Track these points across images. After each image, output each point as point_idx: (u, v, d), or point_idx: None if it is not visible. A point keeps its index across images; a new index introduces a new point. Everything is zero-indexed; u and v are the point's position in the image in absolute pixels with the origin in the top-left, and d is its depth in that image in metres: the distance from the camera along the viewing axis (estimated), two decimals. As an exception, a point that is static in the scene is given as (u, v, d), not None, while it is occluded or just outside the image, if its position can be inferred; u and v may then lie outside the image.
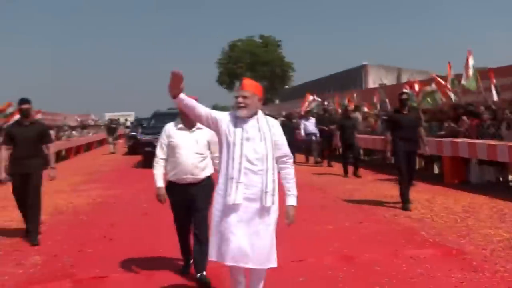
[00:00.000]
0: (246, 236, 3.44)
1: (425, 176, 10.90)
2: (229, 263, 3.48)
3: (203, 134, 4.59)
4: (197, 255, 4.54)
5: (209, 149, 4.65)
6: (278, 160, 3.63)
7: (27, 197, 6.40)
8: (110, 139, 24.47)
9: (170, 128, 4.65)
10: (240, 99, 3.56)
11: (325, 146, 15.03)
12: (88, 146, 27.06)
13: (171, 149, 4.56)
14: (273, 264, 3.54)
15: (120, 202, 9.24)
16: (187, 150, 4.52)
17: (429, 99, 12.85)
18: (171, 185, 4.65)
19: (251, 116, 3.61)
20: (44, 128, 6.85)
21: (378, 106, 18.00)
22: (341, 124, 12.68)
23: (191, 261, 4.77)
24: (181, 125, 4.62)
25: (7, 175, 6.38)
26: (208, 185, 4.61)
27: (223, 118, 3.62)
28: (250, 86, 3.64)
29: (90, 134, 29.57)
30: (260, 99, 3.67)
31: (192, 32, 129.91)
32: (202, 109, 3.62)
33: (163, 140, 4.62)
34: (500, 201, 7.86)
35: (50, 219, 7.78)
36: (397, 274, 4.58)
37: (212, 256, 3.57)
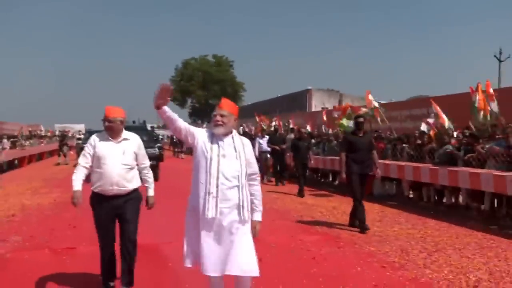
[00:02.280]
0: (224, 247, 3.62)
1: (338, 188, 13.18)
2: (211, 273, 3.62)
3: (130, 144, 4.57)
4: (124, 274, 4.64)
5: (136, 160, 4.62)
6: (248, 177, 3.79)
7: None
8: (64, 150, 25.20)
9: (95, 138, 4.55)
10: (218, 118, 3.71)
11: (276, 164, 15.53)
12: (40, 156, 28.05)
13: (96, 159, 4.46)
14: (256, 273, 3.66)
15: (79, 202, 10.74)
16: (113, 160, 4.43)
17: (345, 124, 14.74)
18: (96, 197, 4.53)
19: (227, 134, 3.77)
20: None
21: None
22: (295, 144, 13.08)
23: (112, 285, 4.75)
24: (107, 136, 4.54)
25: None
26: (136, 198, 4.62)
27: (201, 134, 3.77)
28: (228, 106, 3.80)
29: (43, 144, 30.46)
30: (236, 118, 3.82)
31: (146, 48, 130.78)
32: (182, 123, 3.75)
33: (87, 149, 4.52)
34: (388, 208, 10.09)
35: (20, 213, 9.36)
36: (285, 249, 6.56)
37: (200, 267, 3.65)
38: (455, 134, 11.30)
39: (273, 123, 22.43)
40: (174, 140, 31.48)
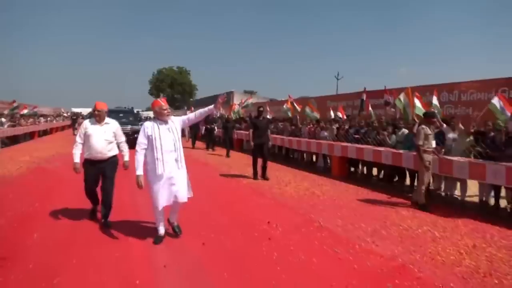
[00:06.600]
0: (172, 187, 3.77)
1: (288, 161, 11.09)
2: (169, 203, 3.81)
3: (110, 127, 4.47)
4: (103, 212, 4.51)
5: (115, 137, 4.50)
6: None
7: None
8: (76, 126, 22.20)
9: (86, 123, 4.47)
10: (168, 110, 3.84)
11: (208, 138, 14.77)
12: (62, 128, 28.45)
13: (87, 137, 4.38)
14: (191, 194, 3.91)
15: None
16: (97, 137, 4.36)
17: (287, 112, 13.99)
18: (86, 161, 4.44)
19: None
20: None
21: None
22: (224, 124, 12.40)
23: (97, 209, 4.73)
24: (94, 121, 4.44)
25: None
26: (114, 161, 4.48)
27: (149, 125, 3.82)
28: (167, 102, 3.93)
29: (61, 121, 30.65)
30: None
31: (131, 57, 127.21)
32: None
33: (81, 131, 4.44)
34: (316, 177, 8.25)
35: (57, 155, 11.20)
36: (240, 201, 5.78)
37: (159, 205, 3.76)
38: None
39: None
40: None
